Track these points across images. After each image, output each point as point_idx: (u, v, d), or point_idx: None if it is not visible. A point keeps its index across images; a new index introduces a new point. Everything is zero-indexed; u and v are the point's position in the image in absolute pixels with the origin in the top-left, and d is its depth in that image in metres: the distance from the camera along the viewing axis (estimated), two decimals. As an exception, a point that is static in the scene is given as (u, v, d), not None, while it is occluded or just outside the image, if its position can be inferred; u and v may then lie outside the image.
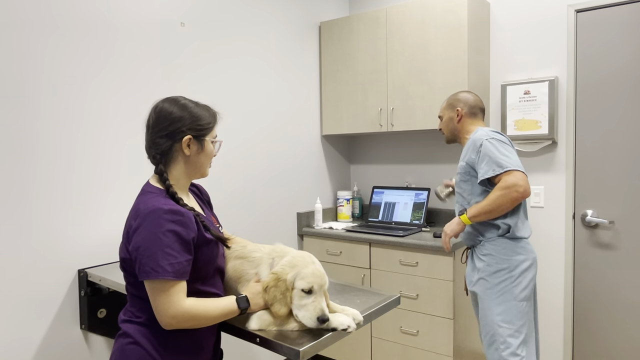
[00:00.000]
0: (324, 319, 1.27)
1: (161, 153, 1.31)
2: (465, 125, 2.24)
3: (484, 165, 2.02)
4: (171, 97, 1.34)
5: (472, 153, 2.09)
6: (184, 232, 1.21)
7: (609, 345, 2.62)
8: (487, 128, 2.13)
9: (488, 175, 1.99)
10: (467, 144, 2.16)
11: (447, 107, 2.28)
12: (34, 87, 1.84)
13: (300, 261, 1.33)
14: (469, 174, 2.13)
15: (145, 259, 1.17)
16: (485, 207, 2.01)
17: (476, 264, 2.14)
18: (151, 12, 2.26)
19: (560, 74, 2.70)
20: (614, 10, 2.53)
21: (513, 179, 1.93)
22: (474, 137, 2.10)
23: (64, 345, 1.95)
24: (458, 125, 2.25)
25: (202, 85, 2.50)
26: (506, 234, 2.06)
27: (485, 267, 2.09)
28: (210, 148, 1.36)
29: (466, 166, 2.13)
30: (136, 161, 2.18)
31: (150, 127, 1.31)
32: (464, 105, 2.23)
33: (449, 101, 2.28)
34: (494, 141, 2.03)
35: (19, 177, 1.81)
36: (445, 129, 2.29)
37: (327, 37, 3.27)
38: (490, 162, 2.00)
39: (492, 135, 2.06)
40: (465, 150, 2.17)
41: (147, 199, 1.24)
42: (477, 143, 2.06)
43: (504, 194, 1.95)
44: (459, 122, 2.24)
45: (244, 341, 1.37)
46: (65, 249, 1.94)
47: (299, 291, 1.29)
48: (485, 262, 2.09)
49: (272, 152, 2.95)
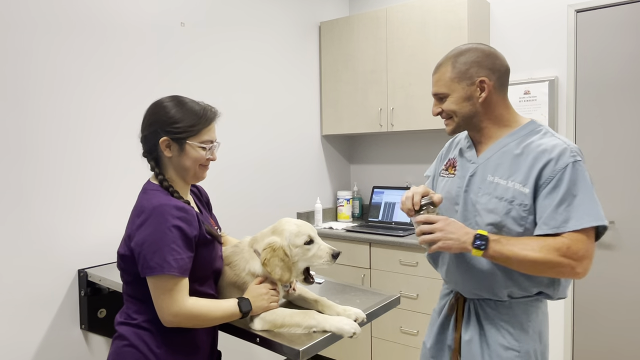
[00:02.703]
0: (336, 253, 1.37)
1: (148, 150, 1.32)
2: (497, 108, 1.32)
3: (562, 211, 1.19)
4: (169, 95, 1.34)
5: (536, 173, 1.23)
6: (188, 229, 1.21)
7: (609, 345, 2.62)
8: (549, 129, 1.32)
9: (565, 229, 1.19)
10: (518, 149, 1.29)
11: (458, 78, 1.31)
12: (33, 87, 1.84)
13: (281, 226, 1.38)
14: (526, 209, 1.24)
15: (150, 254, 1.17)
16: (527, 255, 1.18)
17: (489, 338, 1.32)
18: (151, 12, 2.25)
19: (560, 74, 2.70)
20: (614, 10, 2.53)
21: (585, 251, 1.19)
22: (547, 147, 1.24)
23: (64, 345, 1.94)
24: (482, 110, 1.32)
25: (201, 86, 2.50)
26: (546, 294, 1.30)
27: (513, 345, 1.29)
28: (195, 153, 1.29)
29: (526, 195, 1.24)
30: (136, 160, 2.17)
31: (141, 123, 1.33)
32: (491, 72, 1.29)
33: (457, 65, 1.31)
34: (585, 167, 1.24)
35: (18, 177, 1.80)
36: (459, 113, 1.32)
37: (327, 37, 3.27)
38: (574, 208, 1.19)
39: (583, 155, 1.25)
40: (510, 161, 1.29)
41: (151, 196, 1.24)
42: (559, 163, 1.21)
43: (559, 264, 1.18)
44: (483, 102, 1.31)
45: (244, 341, 1.36)
46: (65, 249, 1.94)
47: (302, 246, 1.35)
48: (513, 337, 1.30)
49: (272, 152, 2.95)
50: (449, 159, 1.48)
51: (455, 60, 1.31)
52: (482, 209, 1.30)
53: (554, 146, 1.23)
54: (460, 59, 1.31)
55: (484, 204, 1.29)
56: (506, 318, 1.31)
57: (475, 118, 1.33)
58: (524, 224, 1.25)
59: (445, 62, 1.34)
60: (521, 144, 1.29)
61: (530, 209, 1.24)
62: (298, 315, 1.31)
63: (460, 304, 1.39)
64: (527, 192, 1.23)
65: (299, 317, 1.31)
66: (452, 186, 1.40)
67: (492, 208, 1.28)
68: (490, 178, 1.30)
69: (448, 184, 1.42)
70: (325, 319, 1.30)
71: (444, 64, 1.34)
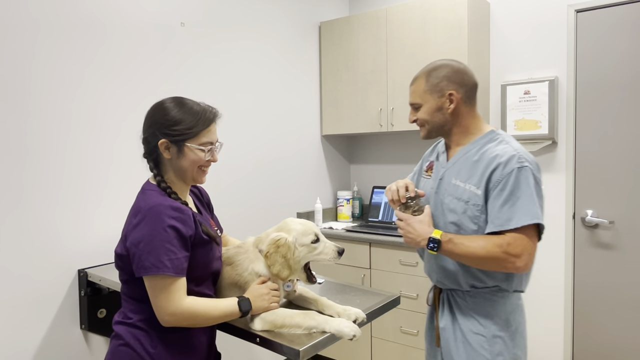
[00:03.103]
0: (341, 250, 1.43)
1: (148, 152, 1.32)
2: (464, 119, 1.48)
3: (505, 211, 1.34)
4: (171, 97, 1.34)
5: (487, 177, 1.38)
6: (183, 229, 1.22)
7: (609, 345, 2.62)
8: (508, 135, 1.48)
9: (507, 227, 1.33)
10: (476, 155, 1.44)
11: (430, 90, 1.47)
12: (34, 87, 1.84)
13: (287, 226, 1.41)
14: (478, 208, 1.40)
15: (145, 254, 1.17)
16: (474, 251, 1.35)
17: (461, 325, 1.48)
18: (151, 12, 2.25)
19: (560, 74, 2.70)
20: (614, 10, 2.53)
21: (523, 248, 1.32)
22: (499, 153, 1.38)
23: (64, 345, 1.94)
24: (451, 119, 1.48)
25: (201, 86, 2.50)
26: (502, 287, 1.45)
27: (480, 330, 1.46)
28: (194, 155, 1.29)
29: (478, 196, 1.40)
30: (136, 161, 2.18)
31: (142, 124, 1.33)
32: (458, 86, 1.46)
33: (430, 80, 1.47)
34: (537, 174, 1.38)
35: (19, 177, 1.80)
36: (430, 122, 1.50)
37: (327, 37, 3.27)
38: (516, 209, 1.33)
39: (530, 161, 1.37)
40: (469, 166, 1.44)
41: (148, 197, 1.25)
42: (506, 168, 1.35)
43: (500, 259, 1.33)
44: (452, 113, 1.47)
45: (244, 341, 1.36)
46: (65, 249, 1.94)
47: (309, 245, 1.39)
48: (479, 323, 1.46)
49: (272, 152, 2.95)
50: (430, 161, 1.65)
51: (429, 74, 1.48)
52: (446, 208, 1.47)
53: (504, 153, 1.38)
54: (433, 74, 1.48)
55: (447, 204, 1.47)
56: (473, 306, 1.47)
57: (445, 126, 1.50)
58: (477, 222, 1.41)
59: (420, 76, 1.51)
60: (480, 151, 1.44)
61: (482, 208, 1.40)
62: (298, 316, 1.31)
63: (437, 294, 1.58)
64: (480, 193, 1.39)
65: (299, 317, 1.31)
66: (427, 187, 1.58)
67: (453, 208, 1.45)
68: (454, 181, 1.47)
69: (425, 184, 1.60)
70: (325, 320, 1.30)
71: (419, 77, 1.51)
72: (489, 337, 1.44)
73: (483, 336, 1.44)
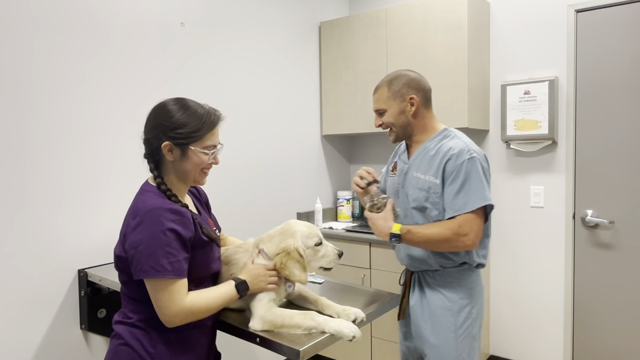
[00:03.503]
0: (340, 252, 1.48)
1: (150, 153, 1.31)
2: (423, 119, 1.70)
3: (461, 197, 1.55)
4: (173, 98, 1.32)
5: (442, 167, 1.60)
6: (183, 232, 1.22)
7: (609, 345, 2.62)
8: (459, 132, 1.71)
9: (465, 210, 1.54)
10: (433, 150, 1.65)
11: (392, 97, 1.68)
12: (33, 87, 1.84)
13: (291, 228, 1.42)
14: (438, 195, 1.62)
15: (144, 257, 1.17)
16: (430, 237, 1.58)
17: (429, 298, 1.69)
18: (152, 12, 2.25)
19: (560, 74, 2.70)
20: (614, 10, 2.53)
21: (470, 227, 1.53)
22: (452, 147, 1.60)
23: (64, 345, 1.94)
24: (413, 121, 1.69)
25: (201, 86, 2.50)
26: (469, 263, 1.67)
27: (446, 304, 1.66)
28: (197, 158, 1.29)
29: (437, 185, 1.61)
30: (136, 161, 2.18)
31: (144, 125, 1.32)
32: (417, 91, 1.68)
33: (392, 87, 1.69)
34: (484, 163, 1.61)
35: (19, 177, 1.80)
36: (396, 124, 1.71)
37: (327, 37, 3.27)
38: (470, 194, 1.54)
39: (478, 152, 1.60)
40: (427, 160, 1.66)
41: (146, 198, 1.25)
42: (458, 159, 1.57)
43: (452, 239, 1.54)
44: (414, 115, 1.69)
45: (244, 341, 1.36)
46: (65, 249, 1.94)
47: (313, 247, 1.42)
48: (446, 297, 1.66)
49: (271, 152, 2.95)
50: (394, 162, 1.86)
51: (391, 83, 1.70)
52: (411, 198, 1.69)
53: (456, 146, 1.60)
54: (394, 82, 1.69)
55: (411, 195, 1.69)
56: (441, 283, 1.68)
57: (408, 127, 1.71)
58: (438, 208, 1.63)
59: (383, 85, 1.72)
60: (436, 147, 1.66)
61: (440, 195, 1.62)
62: (298, 316, 1.31)
63: (409, 276, 1.79)
64: (438, 182, 1.61)
65: (298, 318, 1.31)
66: (393, 183, 1.80)
67: (416, 197, 1.67)
68: (415, 174, 1.69)
69: (392, 181, 1.82)
70: (325, 321, 1.30)
71: (382, 86, 1.72)
72: (455, 310, 1.66)
73: (449, 309, 1.66)
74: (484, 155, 1.63)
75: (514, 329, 2.92)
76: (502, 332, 2.97)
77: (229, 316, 1.43)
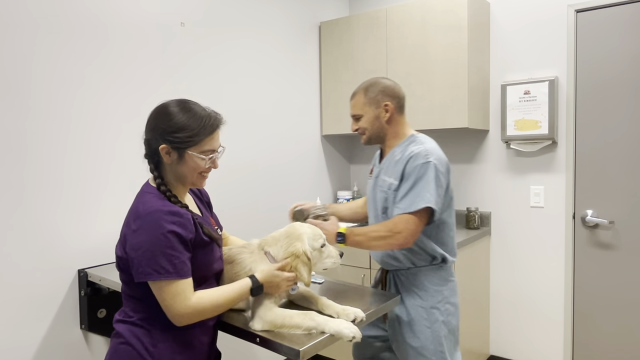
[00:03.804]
0: (341, 253, 1.52)
1: (150, 154, 1.31)
2: (396, 126, 1.78)
3: (408, 197, 1.63)
4: (175, 100, 1.32)
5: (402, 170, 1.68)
6: (184, 233, 1.22)
7: (609, 345, 2.62)
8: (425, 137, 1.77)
9: (407, 210, 1.61)
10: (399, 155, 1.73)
11: (368, 103, 1.76)
12: (33, 87, 1.84)
13: (297, 231, 1.44)
14: (394, 195, 1.72)
15: (146, 260, 1.17)
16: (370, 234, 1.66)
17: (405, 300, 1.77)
18: (152, 12, 2.25)
19: (560, 74, 2.70)
20: (614, 10, 2.53)
21: (404, 226, 1.60)
22: (416, 151, 1.67)
23: (64, 345, 1.94)
24: (387, 126, 1.77)
25: (201, 86, 2.50)
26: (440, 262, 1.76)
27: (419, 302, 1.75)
28: (194, 162, 1.28)
29: (395, 185, 1.71)
30: (136, 161, 2.18)
31: (145, 125, 1.32)
32: (391, 99, 1.75)
33: (368, 94, 1.76)
34: (441, 168, 1.66)
35: (19, 177, 1.80)
36: (370, 129, 1.79)
37: (327, 37, 3.27)
38: (415, 195, 1.61)
39: (437, 158, 1.66)
40: (394, 164, 1.74)
41: (146, 200, 1.25)
42: (414, 162, 1.64)
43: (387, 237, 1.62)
44: (388, 121, 1.76)
45: (244, 341, 1.36)
46: (65, 249, 1.94)
47: (319, 249, 1.45)
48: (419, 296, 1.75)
49: (271, 152, 2.95)
50: (372, 166, 1.95)
51: (367, 90, 1.77)
52: (378, 199, 1.79)
53: (416, 151, 1.67)
54: (370, 89, 1.76)
55: (379, 195, 1.79)
56: (414, 282, 1.76)
57: (382, 132, 1.78)
58: None
59: (359, 91, 1.79)
60: (402, 151, 1.73)
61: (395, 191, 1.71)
62: (298, 317, 1.31)
63: (384, 275, 1.87)
64: (396, 183, 1.69)
65: (298, 318, 1.31)
66: (369, 186, 1.90)
67: (381, 197, 1.77)
68: (383, 177, 1.78)
69: (369, 184, 1.92)
70: (325, 321, 1.30)
71: (358, 93, 1.79)
72: (427, 306, 1.73)
73: (422, 307, 1.74)
74: (445, 161, 1.70)
75: (514, 329, 2.92)
76: (502, 332, 2.97)
77: (229, 316, 1.43)
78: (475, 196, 3.04)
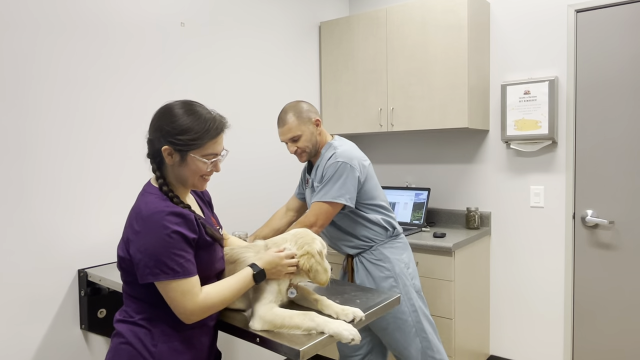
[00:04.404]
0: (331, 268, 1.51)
1: (152, 154, 1.31)
2: (323, 137, 2.04)
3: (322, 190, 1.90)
4: (180, 101, 1.31)
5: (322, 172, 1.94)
6: (187, 233, 1.22)
7: (609, 345, 2.62)
8: (342, 140, 2.03)
9: (321, 200, 1.87)
10: (325, 159, 1.97)
11: (303, 122, 1.95)
12: (33, 87, 1.84)
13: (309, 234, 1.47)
14: None
15: (152, 261, 1.18)
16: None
17: (372, 273, 2.02)
18: (151, 12, 2.26)
19: (560, 74, 2.70)
20: (614, 10, 2.53)
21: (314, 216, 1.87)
22: (338, 153, 1.92)
23: (64, 345, 1.95)
24: (319, 139, 2.01)
25: (201, 87, 2.50)
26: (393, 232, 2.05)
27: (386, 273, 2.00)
28: (196, 165, 1.28)
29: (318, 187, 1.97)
30: (136, 161, 2.18)
31: (149, 125, 1.32)
32: (316, 114, 2.00)
33: (299, 116, 1.95)
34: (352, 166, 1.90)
35: (19, 177, 1.81)
36: (310, 146, 1.99)
37: (327, 37, 3.27)
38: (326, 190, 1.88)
39: (348, 159, 1.90)
40: (320, 170, 1.97)
41: (148, 200, 1.24)
42: (328, 162, 1.91)
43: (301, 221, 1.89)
44: (319, 134, 2.01)
45: (244, 341, 1.36)
46: (65, 249, 1.94)
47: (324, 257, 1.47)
48: (385, 267, 2.00)
49: (272, 152, 2.95)
50: (308, 177, 2.12)
51: (296, 112, 1.95)
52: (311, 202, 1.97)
53: (332, 154, 1.93)
54: (298, 110, 1.95)
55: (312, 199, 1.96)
56: (378, 257, 2.01)
57: (317, 146, 2.01)
58: None
59: (290, 116, 1.95)
60: (324, 157, 1.98)
61: None
62: (297, 317, 1.31)
63: (350, 262, 2.10)
64: (318, 185, 1.94)
65: (298, 318, 1.31)
66: (308, 195, 2.09)
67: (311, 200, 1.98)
68: (316, 184, 1.98)
69: (307, 193, 2.11)
70: (325, 322, 1.30)
71: (289, 117, 1.95)
72: (394, 274, 1.99)
73: (390, 277, 1.99)
74: (357, 161, 1.92)
75: (514, 329, 2.93)
76: (502, 332, 2.97)
77: (229, 316, 1.43)
78: (475, 196, 3.04)
